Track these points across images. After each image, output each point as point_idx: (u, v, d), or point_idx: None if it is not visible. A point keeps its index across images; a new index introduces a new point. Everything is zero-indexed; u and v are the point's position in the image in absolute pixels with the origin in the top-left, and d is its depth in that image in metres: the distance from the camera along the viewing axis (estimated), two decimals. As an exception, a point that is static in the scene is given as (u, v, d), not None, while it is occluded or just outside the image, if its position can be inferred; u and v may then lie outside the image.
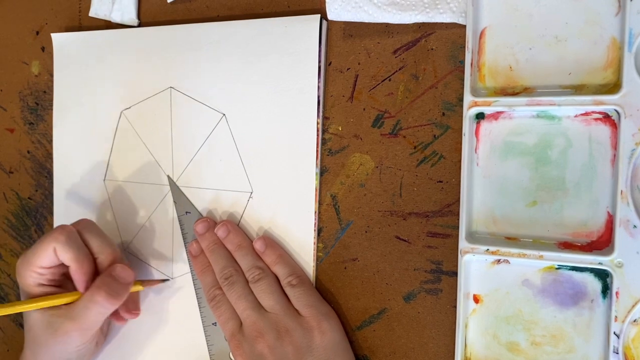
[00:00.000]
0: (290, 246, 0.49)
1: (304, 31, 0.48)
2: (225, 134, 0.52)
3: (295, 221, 0.49)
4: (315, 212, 0.48)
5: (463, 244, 0.42)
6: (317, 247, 0.49)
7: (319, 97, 0.48)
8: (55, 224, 0.61)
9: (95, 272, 0.50)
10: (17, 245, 0.65)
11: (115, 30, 0.57)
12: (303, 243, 0.49)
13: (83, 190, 0.59)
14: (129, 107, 0.56)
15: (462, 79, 0.43)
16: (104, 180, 0.58)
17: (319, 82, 0.48)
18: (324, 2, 0.46)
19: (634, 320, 0.38)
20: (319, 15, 0.47)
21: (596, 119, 0.39)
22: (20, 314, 0.65)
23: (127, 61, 0.56)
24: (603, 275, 0.39)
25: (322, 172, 0.48)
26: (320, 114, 0.48)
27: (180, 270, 0.54)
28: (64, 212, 0.60)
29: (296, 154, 0.49)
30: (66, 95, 0.60)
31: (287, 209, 0.49)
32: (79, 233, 0.49)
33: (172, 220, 0.54)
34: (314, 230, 0.48)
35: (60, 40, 0.60)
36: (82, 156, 0.59)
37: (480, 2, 0.42)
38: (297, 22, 0.48)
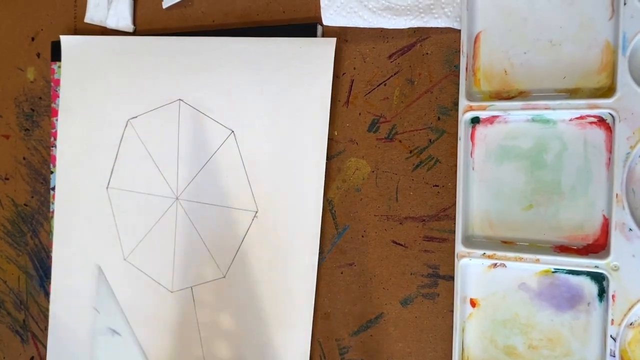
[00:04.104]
0: (292, 269, 0.48)
1: (318, 54, 0.47)
2: (233, 151, 0.51)
3: (299, 244, 0.48)
4: (320, 236, 0.47)
5: (459, 247, 0.42)
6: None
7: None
8: (55, 228, 0.60)
9: None
10: (13, 251, 0.65)
11: (128, 37, 0.57)
12: (305, 265, 0.48)
13: (85, 197, 0.59)
14: (136, 117, 0.56)
15: (457, 84, 0.43)
16: (107, 187, 0.57)
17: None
18: (319, 7, 0.46)
19: (631, 324, 0.38)
20: (334, 39, 0.47)
21: (591, 123, 0.40)
22: (16, 320, 0.64)
23: (138, 69, 0.56)
24: (599, 279, 0.39)
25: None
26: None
27: (181, 284, 0.54)
28: (65, 218, 0.60)
29: (304, 177, 0.48)
30: (73, 98, 0.59)
31: (291, 231, 0.48)
32: None
33: (174, 233, 0.54)
34: (317, 254, 0.48)
35: (69, 42, 0.59)
36: (86, 162, 0.58)
37: (474, 6, 0.42)
38: (313, 44, 0.47)
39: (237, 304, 0.51)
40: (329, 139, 0.48)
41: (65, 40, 0.59)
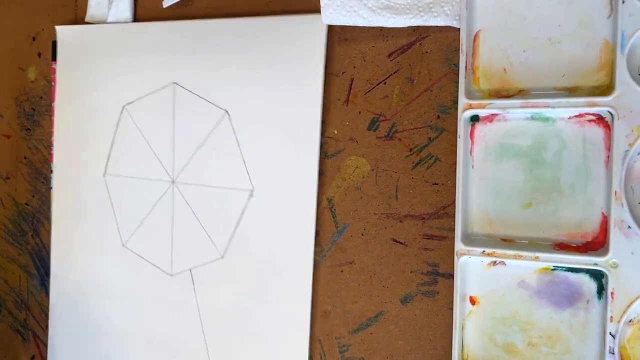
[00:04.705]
0: (289, 244, 0.49)
1: (309, 31, 0.48)
2: (228, 132, 0.51)
3: (295, 221, 0.49)
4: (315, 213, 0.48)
5: (459, 245, 0.42)
6: (314, 250, 0.49)
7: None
8: (54, 218, 0.60)
9: None
10: (14, 251, 0.65)
11: (120, 25, 0.57)
12: (302, 244, 0.48)
13: (83, 185, 0.59)
14: (132, 102, 0.56)
15: (457, 82, 0.43)
16: (104, 175, 0.58)
17: (314, 85, 0.48)
18: (319, 7, 0.46)
19: (630, 321, 0.38)
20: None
21: (590, 121, 0.40)
22: (17, 319, 0.65)
23: (131, 56, 0.56)
24: (598, 276, 0.39)
25: (318, 175, 0.49)
26: (316, 117, 0.48)
27: (180, 267, 0.54)
28: (63, 207, 0.60)
29: (298, 154, 0.48)
30: (69, 87, 0.60)
31: (287, 209, 0.49)
32: None
33: (171, 216, 0.54)
34: (313, 229, 0.48)
35: (64, 32, 0.60)
36: (83, 150, 0.59)
37: (474, 5, 0.42)
38: (303, 21, 0.48)
39: (237, 284, 0.51)
40: (328, 137, 0.48)
41: (61, 30, 0.60)
